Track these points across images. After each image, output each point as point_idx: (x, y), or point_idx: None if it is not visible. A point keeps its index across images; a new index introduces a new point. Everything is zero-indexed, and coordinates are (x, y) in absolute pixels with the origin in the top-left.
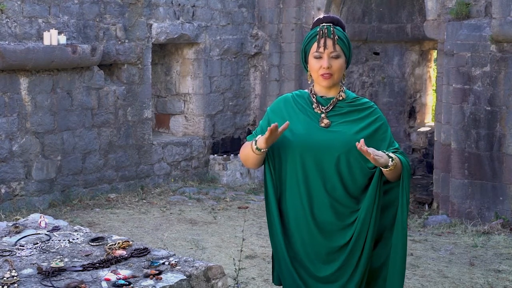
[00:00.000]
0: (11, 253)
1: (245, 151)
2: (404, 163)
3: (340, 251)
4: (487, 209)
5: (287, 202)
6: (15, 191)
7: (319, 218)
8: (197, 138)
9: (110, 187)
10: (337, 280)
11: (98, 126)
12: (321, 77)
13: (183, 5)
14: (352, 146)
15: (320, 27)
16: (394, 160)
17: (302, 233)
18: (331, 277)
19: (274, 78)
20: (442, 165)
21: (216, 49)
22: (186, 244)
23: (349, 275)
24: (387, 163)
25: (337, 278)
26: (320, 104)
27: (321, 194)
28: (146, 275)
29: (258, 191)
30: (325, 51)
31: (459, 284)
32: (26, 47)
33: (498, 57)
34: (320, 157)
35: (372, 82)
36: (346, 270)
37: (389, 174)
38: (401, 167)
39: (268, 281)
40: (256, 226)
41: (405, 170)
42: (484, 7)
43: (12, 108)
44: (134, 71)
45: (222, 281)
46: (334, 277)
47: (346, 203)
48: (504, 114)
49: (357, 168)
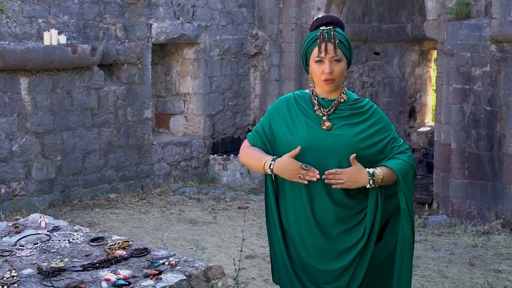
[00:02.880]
0: (11, 253)
1: (252, 162)
2: (397, 170)
3: (347, 252)
4: (487, 209)
5: (287, 205)
6: (15, 191)
7: (321, 222)
8: (197, 138)
9: (110, 187)
10: (337, 281)
11: (98, 126)
12: (324, 82)
13: (183, 5)
14: (353, 149)
15: (321, 31)
16: (375, 178)
17: (304, 236)
18: (332, 279)
19: (274, 78)
20: (442, 165)
21: (216, 49)
22: (186, 244)
23: (350, 277)
24: (365, 185)
25: (337, 279)
26: (321, 106)
27: (323, 198)
28: (146, 275)
29: (258, 191)
30: (326, 56)
31: (459, 284)
32: (26, 47)
33: (498, 57)
34: (322, 161)
35: (372, 82)
36: (347, 273)
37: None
38: (392, 176)
39: (268, 281)
40: (256, 226)
41: (399, 177)
42: (484, 7)
43: (12, 108)
44: (134, 71)
45: (222, 281)
46: (334, 279)
47: (348, 206)
48: (504, 114)
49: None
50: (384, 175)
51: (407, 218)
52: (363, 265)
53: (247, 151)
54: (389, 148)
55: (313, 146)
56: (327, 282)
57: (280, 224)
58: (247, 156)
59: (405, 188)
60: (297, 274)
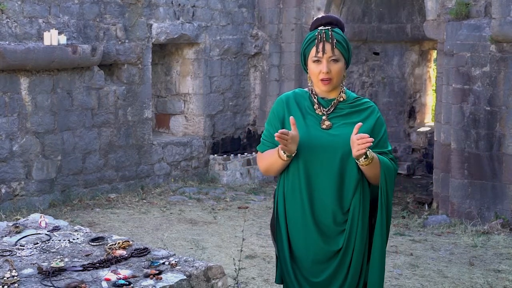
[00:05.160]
0: (11, 253)
1: (269, 161)
2: (383, 162)
3: (334, 257)
4: (486, 209)
5: (287, 204)
6: (16, 191)
7: (320, 222)
8: (197, 138)
9: (110, 187)
10: (329, 286)
11: (98, 126)
12: (321, 82)
13: (183, 5)
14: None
15: (319, 31)
16: (368, 152)
17: (303, 236)
18: (324, 283)
19: (274, 78)
20: (442, 165)
21: (216, 49)
22: (186, 244)
23: (341, 282)
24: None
25: (329, 284)
26: (321, 106)
27: (323, 197)
28: (146, 275)
29: (258, 191)
30: (323, 56)
31: (458, 284)
32: (27, 47)
33: (497, 57)
34: (322, 160)
35: (372, 82)
36: (338, 277)
37: (366, 170)
38: (378, 166)
39: (268, 281)
40: (256, 226)
41: (382, 170)
42: (483, 7)
43: (12, 108)
44: (134, 71)
45: (222, 281)
46: (326, 284)
47: (344, 206)
48: (503, 114)
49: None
50: (375, 157)
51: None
52: (352, 273)
53: (261, 156)
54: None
55: (313, 145)
56: (320, 285)
57: (286, 223)
58: (263, 159)
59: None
60: (295, 272)
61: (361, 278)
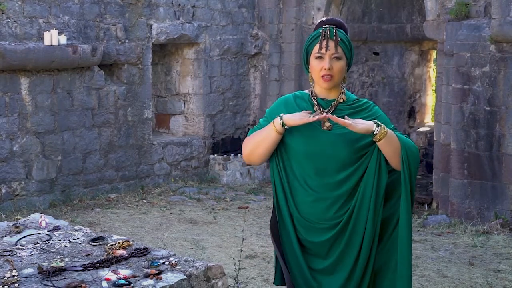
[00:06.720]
0: (11, 253)
1: (258, 137)
2: (402, 139)
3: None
4: (486, 209)
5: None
6: (16, 191)
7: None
8: (197, 138)
9: (111, 187)
10: (335, 272)
11: (98, 126)
12: (322, 78)
13: (183, 5)
14: (354, 149)
15: (323, 29)
16: (381, 127)
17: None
18: (329, 268)
19: (274, 78)
20: (442, 165)
21: (216, 49)
22: (186, 244)
23: (350, 268)
24: (371, 129)
25: (334, 270)
26: (321, 107)
27: (323, 196)
28: (146, 275)
29: (258, 191)
30: (326, 53)
31: (458, 284)
32: (27, 47)
33: (497, 57)
34: (322, 161)
35: (372, 82)
36: (345, 263)
37: (383, 145)
38: (397, 141)
39: (268, 281)
40: (256, 226)
41: (402, 147)
42: (483, 7)
43: (12, 108)
44: (134, 71)
45: (222, 281)
46: (332, 269)
47: (345, 206)
48: (503, 114)
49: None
50: (388, 131)
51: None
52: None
53: (248, 138)
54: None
55: (313, 147)
56: (325, 270)
57: (292, 221)
58: (251, 139)
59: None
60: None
61: (369, 263)
